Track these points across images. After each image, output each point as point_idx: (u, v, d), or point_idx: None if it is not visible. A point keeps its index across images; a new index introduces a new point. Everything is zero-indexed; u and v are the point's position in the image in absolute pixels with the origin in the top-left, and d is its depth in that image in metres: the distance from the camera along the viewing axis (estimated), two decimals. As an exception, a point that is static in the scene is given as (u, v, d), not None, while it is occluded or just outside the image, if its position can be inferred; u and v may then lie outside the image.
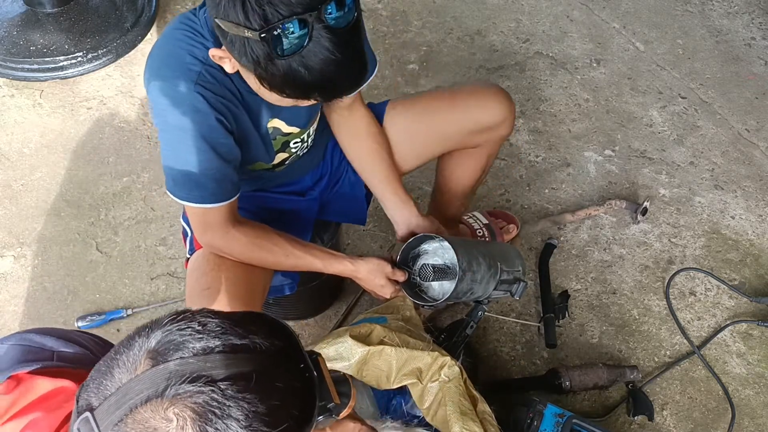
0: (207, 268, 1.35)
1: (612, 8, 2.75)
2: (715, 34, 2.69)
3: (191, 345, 0.67)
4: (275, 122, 1.35)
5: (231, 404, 0.65)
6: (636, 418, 1.75)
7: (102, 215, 2.07)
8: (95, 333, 0.98)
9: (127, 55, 2.41)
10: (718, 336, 1.93)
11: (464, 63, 2.52)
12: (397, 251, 1.48)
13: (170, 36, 1.22)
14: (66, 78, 2.34)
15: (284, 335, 0.75)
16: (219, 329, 0.69)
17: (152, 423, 0.64)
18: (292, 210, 1.59)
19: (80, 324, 1.83)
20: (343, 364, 1.44)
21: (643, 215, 2.12)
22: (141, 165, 2.17)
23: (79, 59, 2.33)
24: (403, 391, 1.48)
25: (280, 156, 1.44)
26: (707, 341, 1.92)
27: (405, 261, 1.48)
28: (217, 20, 1.06)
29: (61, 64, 2.32)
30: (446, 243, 1.41)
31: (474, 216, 1.98)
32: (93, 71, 2.36)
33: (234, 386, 0.66)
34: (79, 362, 0.88)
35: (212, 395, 0.65)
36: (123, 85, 2.36)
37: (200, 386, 0.65)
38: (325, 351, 1.45)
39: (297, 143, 1.44)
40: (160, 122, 1.22)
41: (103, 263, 1.97)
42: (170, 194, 1.28)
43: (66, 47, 2.34)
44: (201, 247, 1.40)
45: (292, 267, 1.43)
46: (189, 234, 1.47)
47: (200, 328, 0.69)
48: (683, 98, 2.48)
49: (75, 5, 2.45)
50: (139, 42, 2.44)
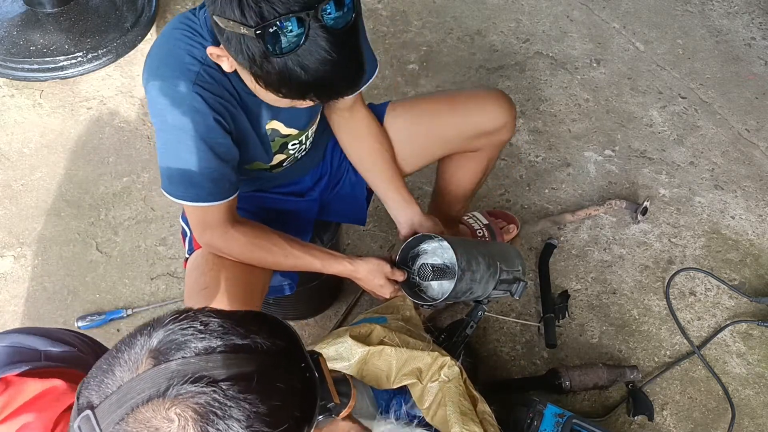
0: (206, 268, 1.35)
1: (612, 8, 2.75)
2: (715, 34, 2.69)
3: (193, 344, 0.68)
4: (274, 124, 1.35)
5: (232, 405, 0.65)
6: (636, 418, 1.75)
7: (102, 215, 2.06)
8: (95, 333, 0.97)
9: (127, 55, 2.41)
10: (718, 336, 1.93)
11: (464, 63, 2.52)
12: (398, 251, 1.48)
13: (169, 36, 1.21)
14: (66, 78, 2.33)
15: (286, 335, 0.75)
16: (221, 329, 0.69)
17: (154, 423, 0.64)
18: (292, 210, 1.59)
19: (80, 324, 1.82)
20: (343, 364, 1.43)
21: (643, 215, 2.12)
22: (141, 165, 2.17)
23: (79, 59, 2.33)
24: (403, 391, 1.48)
25: (278, 157, 1.44)
26: (707, 341, 1.92)
27: (404, 261, 1.47)
28: (214, 17, 1.06)
29: (61, 64, 2.32)
30: (445, 242, 1.41)
31: (474, 216, 1.98)
32: (93, 71, 2.36)
33: (235, 387, 0.66)
34: (67, 361, 0.87)
35: (214, 396, 0.65)
36: (123, 85, 2.36)
37: (202, 387, 0.65)
38: (325, 351, 1.44)
39: (295, 145, 1.44)
40: (159, 122, 1.22)
41: (103, 263, 1.97)
42: (165, 193, 1.27)
43: (66, 47, 2.34)
44: (200, 247, 1.39)
45: (291, 267, 1.42)
46: (188, 234, 1.47)
47: (202, 328, 0.69)
48: (683, 98, 2.48)
49: (75, 5, 2.45)
50: (139, 42, 2.44)
